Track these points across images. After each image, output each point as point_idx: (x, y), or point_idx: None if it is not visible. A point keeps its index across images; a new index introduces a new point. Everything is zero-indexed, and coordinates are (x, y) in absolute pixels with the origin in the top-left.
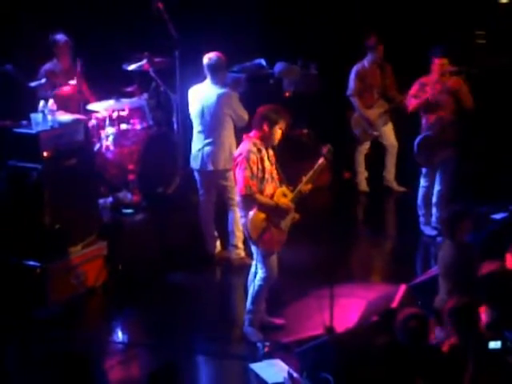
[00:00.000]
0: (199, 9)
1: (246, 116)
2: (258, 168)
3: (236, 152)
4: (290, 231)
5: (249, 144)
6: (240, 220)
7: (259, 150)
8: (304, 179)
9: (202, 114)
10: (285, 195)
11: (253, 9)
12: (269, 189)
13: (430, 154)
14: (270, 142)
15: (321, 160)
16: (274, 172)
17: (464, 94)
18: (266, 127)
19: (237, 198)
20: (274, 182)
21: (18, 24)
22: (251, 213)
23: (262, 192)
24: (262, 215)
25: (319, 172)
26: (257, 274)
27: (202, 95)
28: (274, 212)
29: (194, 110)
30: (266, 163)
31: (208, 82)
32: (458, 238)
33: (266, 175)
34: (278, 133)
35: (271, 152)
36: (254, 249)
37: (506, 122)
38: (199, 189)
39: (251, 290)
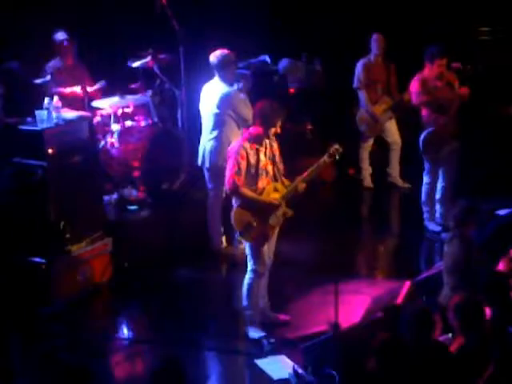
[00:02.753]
0: (203, 5)
1: (249, 117)
2: (248, 163)
3: (231, 146)
4: (295, 227)
5: (243, 139)
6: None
7: (256, 145)
8: (303, 176)
9: (206, 111)
10: (276, 190)
11: (257, 5)
12: (261, 183)
13: (436, 150)
14: (266, 136)
15: (324, 158)
16: (270, 167)
17: (457, 85)
18: (262, 124)
19: None
20: (268, 177)
21: (22, 21)
22: (234, 207)
23: (255, 186)
24: (244, 210)
25: (321, 169)
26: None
27: (208, 93)
28: (259, 207)
29: (201, 106)
30: (262, 158)
31: (216, 79)
32: (466, 234)
33: (260, 170)
34: (274, 128)
35: (275, 145)
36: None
37: (509, 118)
38: (208, 183)
39: (243, 285)
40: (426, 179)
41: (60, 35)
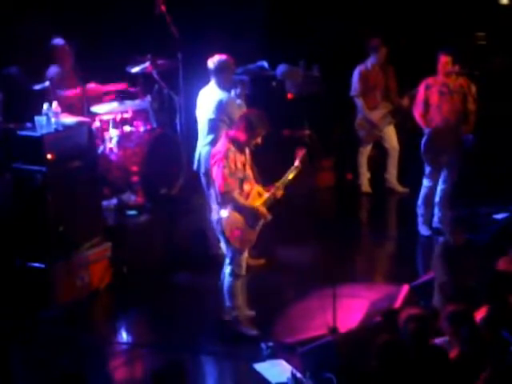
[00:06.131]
0: (202, 11)
1: None
2: (236, 166)
3: (215, 149)
4: (293, 231)
5: (228, 142)
6: (213, 214)
7: (240, 149)
8: (279, 183)
9: (202, 117)
10: (260, 194)
11: (255, 11)
12: (246, 187)
13: (437, 154)
14: (248, 145)
15: (296, 163)
16: (249, 171)
17: (471, 95)
18: (246, 132)
19: (213, 193)
20: (250, 181)
21: (21, 27)
22: (228, 211)
23: (241, 190)
24: (238, 214)
25: (295, 175)
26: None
27: (204, 98)
28: (249, 213)
29: (197, 112)
30: (246, 161)
31: (212, 84)
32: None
33: (245, 173)
34: (256, 139)
35: (247, 150)
36: (223, 245)
37: (507, 123)
38: (205, 188)
39: (225, 288)
40: (425, 182)
41: (59, 41)
